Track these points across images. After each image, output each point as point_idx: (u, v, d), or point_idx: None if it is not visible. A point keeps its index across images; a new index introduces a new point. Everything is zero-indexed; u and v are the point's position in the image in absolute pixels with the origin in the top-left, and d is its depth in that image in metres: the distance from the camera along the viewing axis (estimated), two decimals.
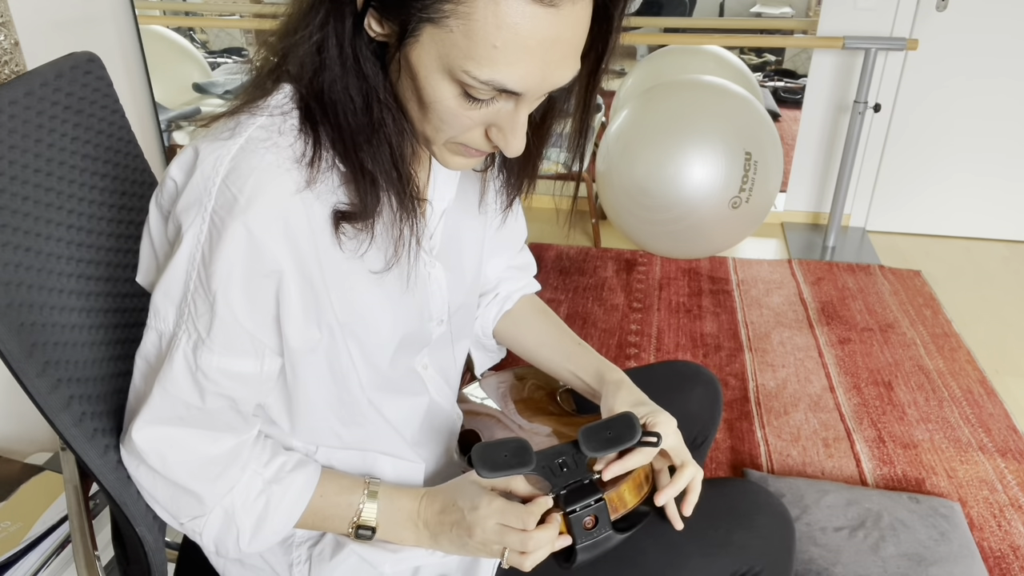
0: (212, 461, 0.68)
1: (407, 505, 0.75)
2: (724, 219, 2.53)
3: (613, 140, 2.64)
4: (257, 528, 0.71)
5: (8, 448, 1.54)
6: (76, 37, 1.83)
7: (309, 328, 0.66)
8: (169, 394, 0.64)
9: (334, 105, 0.60)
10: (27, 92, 0.73)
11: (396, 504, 0.75)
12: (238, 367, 0.64)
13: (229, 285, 0.59)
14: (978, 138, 2.89)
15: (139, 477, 0.69)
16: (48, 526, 1.27)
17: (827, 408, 2.00)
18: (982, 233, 3.03)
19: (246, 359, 0.64)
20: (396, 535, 0.75)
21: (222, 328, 0.61)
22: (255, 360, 0.65)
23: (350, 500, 0.74)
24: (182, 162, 0.60)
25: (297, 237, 0.60)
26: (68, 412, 0.65)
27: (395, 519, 0.74)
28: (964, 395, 2.05)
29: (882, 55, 2.80)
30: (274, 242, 0.59)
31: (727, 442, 1.87)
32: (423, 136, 0.64)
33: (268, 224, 0.58)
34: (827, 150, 3.04)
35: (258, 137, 0.59)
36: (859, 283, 2.66)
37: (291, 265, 0.61)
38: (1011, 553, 1.55)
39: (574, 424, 0.95)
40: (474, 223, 0.84)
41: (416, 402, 0.82)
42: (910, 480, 1.74)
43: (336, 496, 0.74)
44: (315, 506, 0.73)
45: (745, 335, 2.34)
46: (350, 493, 0.74)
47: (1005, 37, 2.73)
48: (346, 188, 0.63)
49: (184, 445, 0.67)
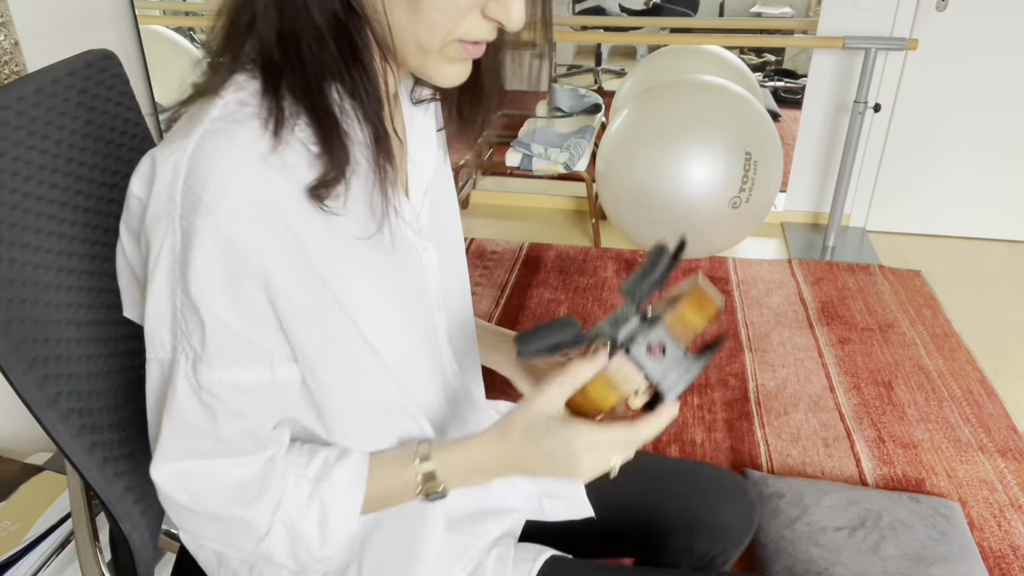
0: (245, 484, 0.64)
1: (466, 457, 0.69)
2: (724, 219, 2.53)
3: (613, 140, 2.64)
4: (323, 531, 0.66)
5: (8, 448, 1.54)
6: (76, 37, 1.83)
7: (314, 325, 0.62)
8: (178, 424, 0.61)
9: (296, 39, 0.56)
10: (37, 89, 0.71)
11: (454, 461, 0.69)
12: (243, 378, 0.60)
13: (211, 291, 0.56)
14: (978, 138, 2.89)
15: (179, 520, 0.65)
16: (48, 526, 1.27)
17: (827, 408, 2.00)
18: (982, 233, 3.03)
19: (249, 369, 0.60)
20: (469, 482, 0.70)
21: (215, 338, 0.58)
22: (260, 369, 0.61)
23: (405, 474, 0.68)
24: (141, 175, 0.57)
25: (275, 229, 0.57)
26: (55, 409, 0.64)
27: (459, 472, 0.69)
28: (964, 395, 2.05)
29: (882, 55, 2.80)
30: (251, 238, 0.55)
31: (727, 442, 1.87)
32: (416, 47, 0.59)
33: (241, 220, 0.55)
34: (827, 150, 3.04)
35: (214, 129, 0.56)
36: (859, 283, 2.66)
37: (275, 259, 0.57)
38: (1011, 553, 1.54)
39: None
40: (449, 192, 0.82)
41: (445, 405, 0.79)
42: (910, 480, 1.74)
43: (391, 475, 0.69)
44: (374, 490, 0.68)
45: (745, 335, 2.34)
46: (403, 467, 0.69)
47: (1005, 37, 2.73)
48: (319, 161, 0.59)
49: (209, 474, 0.63)
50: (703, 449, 1.84)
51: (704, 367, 0.66)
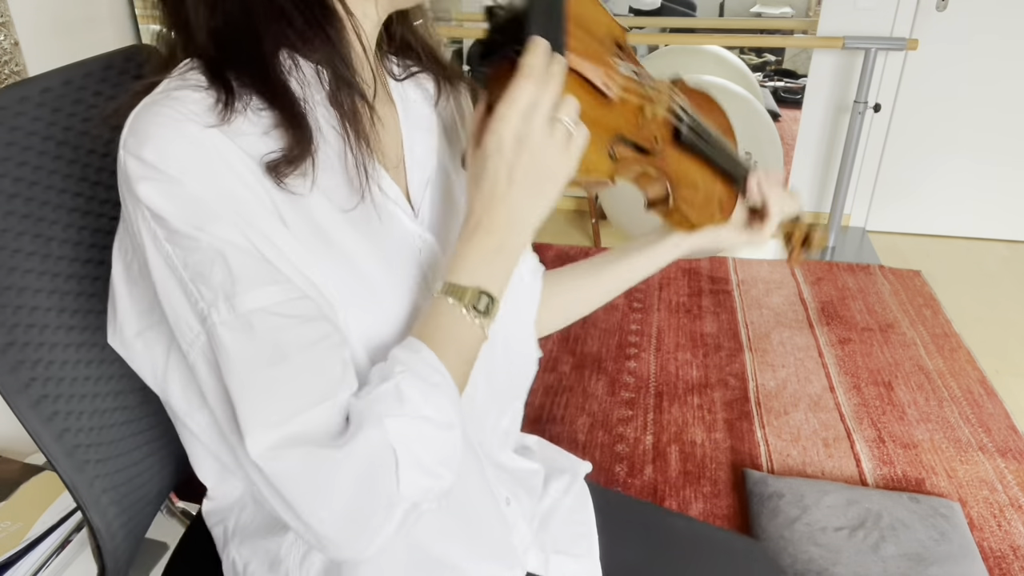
0: (343, 425, 0.53)
1: (463, 248, 0.59)
2: None
3: None
4: (430, 401, 0.54)
5: (8, 448, 1.54)
6: (76, 37, 1.83)
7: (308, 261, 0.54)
8: (249, 382, 0.51)
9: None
10: (66, 81, 0.69)
11: (458, 264, 0.59)
12: (283, 295, 0.52)
13: (199, 225, 0.50)
14: (978, 138, 2.89)
15: (295, 503, 0.51)
16: (48, 526, 1.27)
17: (827, 408, 2.00)
18: (982, 233, 3.03)
19: (283, 285, 0.52)
20: (491, 264, 0.59)
21: (231, 264, 0.51)
22: (291, 285, 0.53)
23: (437, 306, 0.58)
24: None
25: (229, 182, 0.51)
26: (25, 395, 0.63)
27: (472, 262, 0.59)
28: (964, 395, 2.04)
29: (882, 55, 2.80)
30: (205, 188, 0.50)
31: (727, 442, 1.87)
32: None
33: (188, 171, 0.50)
34: (827, 150, 3.04)
35: (154, 100, 0.52)
36: (859, 283, 2.66)
37: (236, 211, 0.51)
38: (1011, 553, 1.54)
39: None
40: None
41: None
42: (910, 480, 1.74)
43: (430, 322, 0.58)
44: (432, 338, 0.57)
45: (745, 335, 2.34)
46: (431, 308, 0.59)
47: (1005, 37, 2.73)
48: (277, 133, 0.54)
49: (307, 430, 0.51)
50: (703, 449, 1.84)
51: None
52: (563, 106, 0.57)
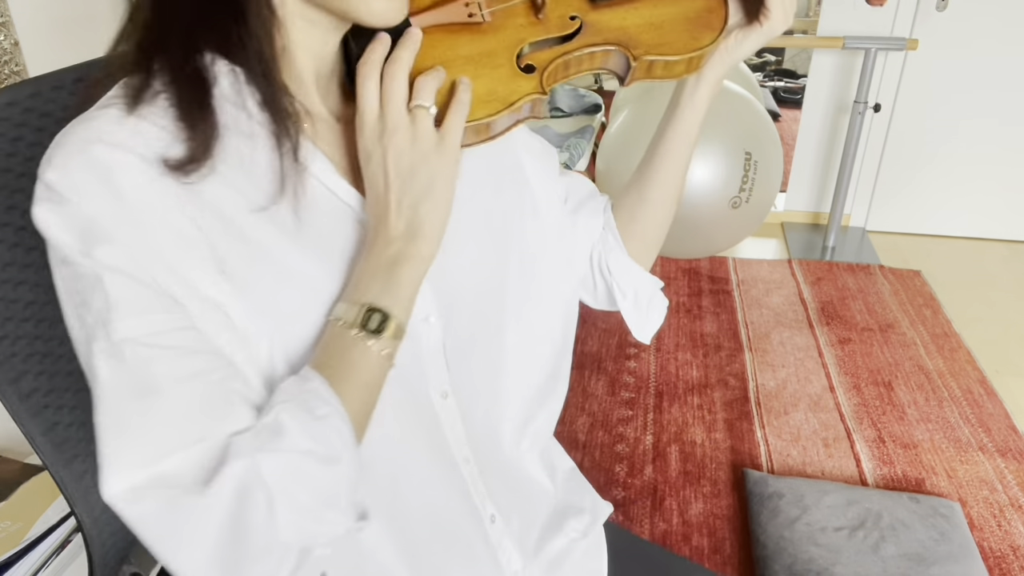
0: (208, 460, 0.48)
1: (360, 264, 0.55)
2: (724, 219, 2.53)
3: (613, 140, 2.64)
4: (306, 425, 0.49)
5: (8, 448, 1.54)
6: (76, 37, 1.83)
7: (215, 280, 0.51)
8: (115, 415, 0.47)
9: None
10: (77, 78, 0.68)
11: (353, 279, 0.55)
12: (165, 326, 0.48)
13: (85, 251, 0.48)
14: (978, 138, 2.89)
15: (159, 547, 0.46)
16: (48, 526, 1.27)
17: (827, 408, 2.00)
18: (982, 233, 3.03)
19: (169, 314, 0.49)
20: (386, 276, 0.54)
21: (113, 286, 0.47)
22: (176, 315, 0.49)
23: (329, 328, 0.54)
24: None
25: (148, 192, 0.49)
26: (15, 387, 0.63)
27: (364, 277, 0.54)
28: (964, 395, 2.05)
29: (882, 55, 2.80)
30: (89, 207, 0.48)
31: (727, 442, 1.87)
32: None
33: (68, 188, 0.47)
34: (827, 150, 3.04)
35: (76, 120, 0.50)
36: (859, 283, 2.66)
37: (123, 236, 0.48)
38: (1011, 553, 1.54)
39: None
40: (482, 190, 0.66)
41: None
42: (910, 480, 1.74)
43: (322, 346, 0.54)
44: (325, 361, 0.53)
45: (745, 335, 2.34)
46: (326, 331, 0.54)
47: (1005, 37, 2.73)
48: (182, 129, 0.51)
49: (167, 477, 0.46)
50: (703, 449, 1.84)
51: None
52: (418, 92, 0.54)
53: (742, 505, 1.67)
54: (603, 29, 0.63)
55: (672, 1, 0.66)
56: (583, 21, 0.62)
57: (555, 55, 0.61)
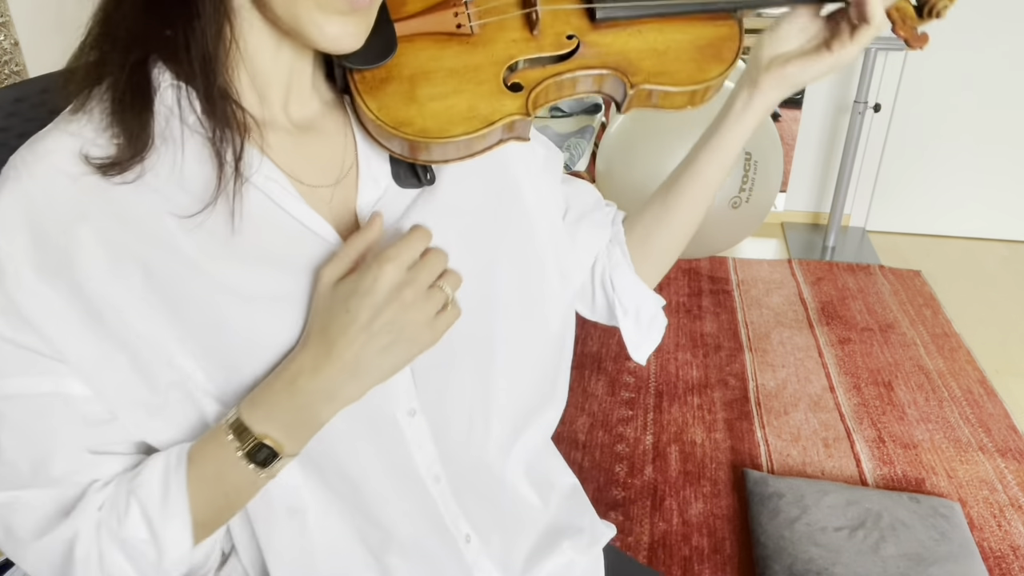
0: (52, 513, 0.53)
1: (271, 385, 0.53)
2: (724, 219, 2.53)
3: (613, 140, 2.64)
4: (152, 531, 0.53)
5: None
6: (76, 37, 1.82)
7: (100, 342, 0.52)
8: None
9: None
10: (44, 88, 0.68)
11: (258, 397, 0.53)
12: (19, 388, 0.51)
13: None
14: (978, 138, 2.89)
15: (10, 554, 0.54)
16: None
17: (827, 408, 2.00)
18: (982, 233, 3.03)
19: (25, 377, 0.51)
20: (295, 420, 0.53)
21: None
22: (40, 378, 0.51)
23: (217, 436, 0.53)
24: None
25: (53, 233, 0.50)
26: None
27: (271, 408, 0.53)
28: (964, 395, 2.05)
29: (882, 55, 2.80)
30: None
31: (727, 442, 1.87)
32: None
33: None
34: (827, 150, 3.04)
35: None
36: (859, 283, 2.66)
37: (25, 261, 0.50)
38: (1011, 553, 1.54)
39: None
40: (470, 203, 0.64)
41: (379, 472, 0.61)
42: (910, 480, 1.74)
43: (206, 445, 0.54)
44: (201, 470, 0.53)
45: (745, 335, 2.34)
46: (214, 433, 0.54)
47: (1005, 37, 2.73)
48: (117, 133, 0.51)
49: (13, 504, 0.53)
50: (703, 449, 1.84)
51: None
52: (448, 276, 0.54)
53: (742, 505, 1.67)
54: (602, 52, 0.59)
55: (683, 27, 0.61)
56: (581, 41, 0.59)
57: (546, 75, 0.57)
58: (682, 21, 0.61)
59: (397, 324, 0.52)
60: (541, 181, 0.70)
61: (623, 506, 1.68)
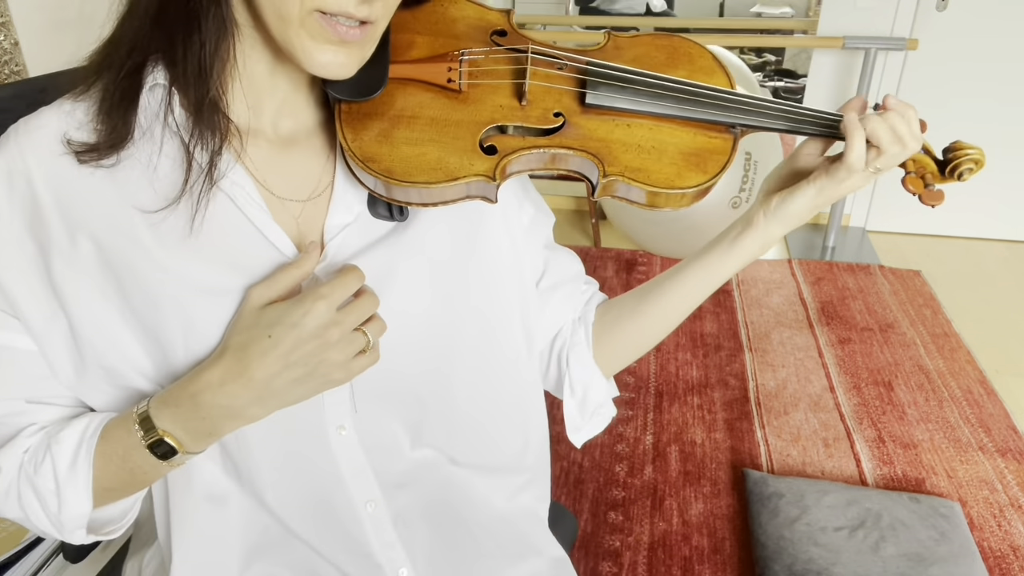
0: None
1: (184, 387, 0.55)
2: (724, 219, 2.53)
3: None
4: (58, 486, 0.57)
5: None
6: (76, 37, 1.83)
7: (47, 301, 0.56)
8: None
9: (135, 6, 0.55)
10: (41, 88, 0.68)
11: (170, 395, 0.55)
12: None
13: None
14: (978, 138, 2.88)
15: None
16: None
17: (827, 408, 2.00)
18: (982, 233, 3.03)
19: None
20: (197, 426, 0.55)
21: None
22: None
23: (126, 423, 0.57)
24: None
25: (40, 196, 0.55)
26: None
27: (179, 409, 0.55)
28: (964, 395, 2.05)
29: (882, 55, 2.80)
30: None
31: (727, 442, 1.87)
32: (275, 14, 0.51)
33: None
34: None
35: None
36: (859, 283, 2.66)
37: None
38: (1011, 553, 1.55)
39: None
40: (421, 259, 0.62)
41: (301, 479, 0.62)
42: (910, 480, 1.74)
43: (116, 427, 0.58)
44: (108, 446, 0.57)
45: (745, 335, 2.34)
46: (125, 417, 0.57)
47: (1005, 37, 2.73)
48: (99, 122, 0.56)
49: None
50: (703, 449, 1.84)
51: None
52: (374, 323, 0.55)
53: (742, 505, 1.67)
54: (584, 135, 0.59)
55: (675, 130, 0.61)
56: (567, 121, 0.59)
57: (524, 145, 0.58)
58: (676, 124, 0.61)
59: (315, 360, 0.53)
60: (522, 242, 0.71)
61: (623, 506, 1.68)
